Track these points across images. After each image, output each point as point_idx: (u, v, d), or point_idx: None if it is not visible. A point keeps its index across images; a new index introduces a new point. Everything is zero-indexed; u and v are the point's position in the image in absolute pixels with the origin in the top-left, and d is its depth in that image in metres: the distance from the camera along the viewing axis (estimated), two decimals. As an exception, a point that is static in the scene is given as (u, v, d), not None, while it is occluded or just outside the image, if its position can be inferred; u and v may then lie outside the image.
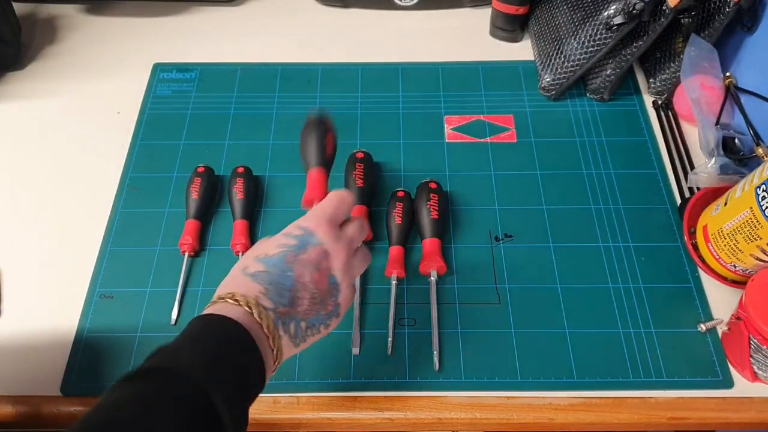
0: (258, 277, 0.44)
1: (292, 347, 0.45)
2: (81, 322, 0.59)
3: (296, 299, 0.44)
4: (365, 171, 0.65)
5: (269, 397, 0.55)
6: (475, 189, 0.68)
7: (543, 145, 0.71)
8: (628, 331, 0.58)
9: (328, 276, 0.46)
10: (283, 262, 0.45)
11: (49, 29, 0.85)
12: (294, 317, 0.44)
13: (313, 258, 0.45)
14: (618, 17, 0.66)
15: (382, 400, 0.55)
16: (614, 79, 0.72)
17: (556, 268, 0.62)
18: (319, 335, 0.47)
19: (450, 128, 0.73)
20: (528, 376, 0.55)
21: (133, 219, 0.66)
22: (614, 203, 0.66)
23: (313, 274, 0.45)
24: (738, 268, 0.57)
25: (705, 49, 0.69)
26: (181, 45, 0.83)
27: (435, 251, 0.60)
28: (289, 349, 0.44)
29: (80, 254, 0.63)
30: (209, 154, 0.71)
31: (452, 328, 0.58)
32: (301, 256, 0.45)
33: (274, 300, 0.43)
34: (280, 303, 0.43)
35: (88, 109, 0.76)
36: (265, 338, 0.42)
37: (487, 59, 0.80)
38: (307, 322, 0.45)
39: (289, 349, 0.44)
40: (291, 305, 0.44)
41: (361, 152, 0.67)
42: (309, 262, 0.45)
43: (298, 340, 0.45)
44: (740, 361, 0.55)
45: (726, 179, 0.63)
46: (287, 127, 0.73)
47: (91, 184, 0.69)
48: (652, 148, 0.71)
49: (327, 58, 0.81)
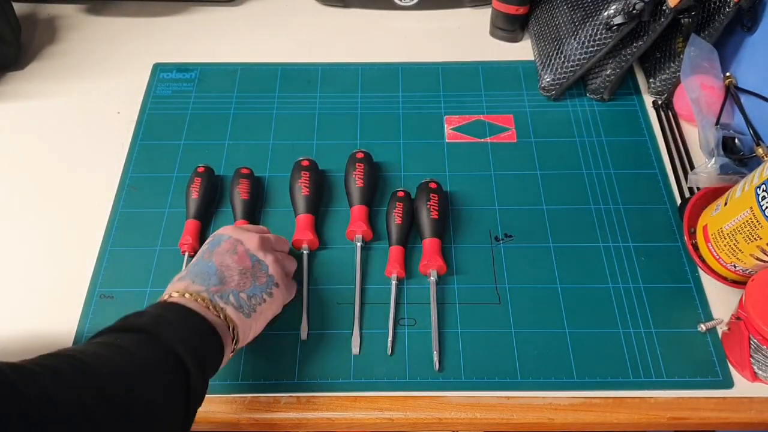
0: (183, 278, 0.51)
1: (243, 318, 0.50)
2: (81, 322, 0.59)
3: (224, 278, 0.50)
4: (365, 171, 0.65)
5: (269, 397, 0.55)
6: (475, 189, 0.68)
7: (543, 145, 0.71)
8: (628, 331, 0.58)
9: (248, 255, 0.53)
10: (201, 259, 0.52)
11: (49, 29, 0.85)
12: (230, 291, 0.50)
13: (227, 247, 0.53)
14: (618, 17, 0.66)
15: (382, 400, 0.55)
16: (614, 79, 0.72)
17: (556, 268, 0.62)
18: (266, 304, 0.52)
19: (450, 128, 0.73)
20: (528, 376, 0.56)
21: (133, 219, 0.66)
22: (614, 203, 0.66)
23: (233, 257, 0.52)
24: (738, 268, 0.57)
25: (705, 49, 0.69)
26: (181, 45, 0.83)
27: (435, 251, 0.60)
28: (241, 320, 0.49)
29: (80, 254, 0.63)
30: (209, 154, 0.71)
31: (452, 328, 0.58)
32: (216, 250, 0.53)
33: (203, 284, 0.50)
34: (209, 284, 0.50)
35: (88, 109, 0.76)
36: (205, 309, 0.48)
37: (487, 59, 0.80)
38: (247, 293, 0.51)
39: (241, 320, 0.49)
40: (221, 283, 0.50)
41: (361, 152, 0.67)
42: (224, 251, 0.53)
43: (247, 309, 0.50)
44: (740, 361, 0.55)
45: (726, 179, 0.63)
46: (287, 127, 0.73)
47: (91, 184, 0.69)
48: (652, 148, 0.71)
49: (327, 58, 0.81)
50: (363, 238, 0.63)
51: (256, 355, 0.57)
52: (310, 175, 0.65)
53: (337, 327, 0.58)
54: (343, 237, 0.64)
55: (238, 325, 0.49)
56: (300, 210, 0.63)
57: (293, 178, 0.65)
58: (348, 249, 0.63)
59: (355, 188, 0.64)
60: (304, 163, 0.66)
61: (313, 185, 0.64)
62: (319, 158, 0.68)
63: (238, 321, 0.49)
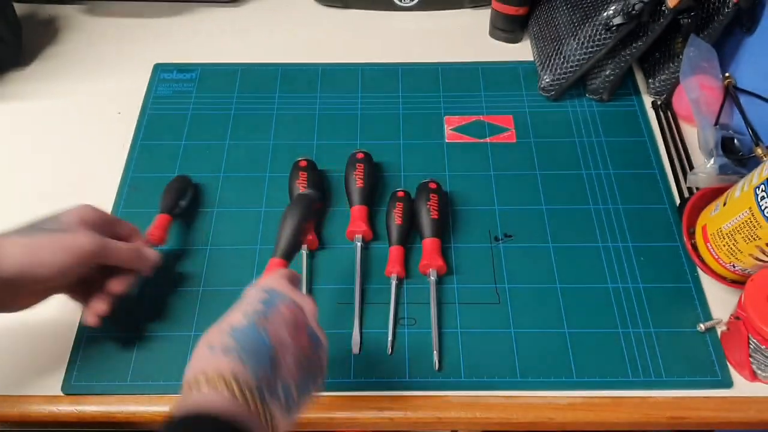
0: (230, 351, 0.39)
1: (285, 416, 0.40)
2: (82, 322, 0.59)
3: (278, 363, 0.40)
4: (365, 171, 0.65)
5: (269, 397, 0.55)
6: (474, 189, 0.68)
7: (542, 145, 0.71)
8: (627, 331, 0.58)
9: (306, 330, 0.43)
10: (254, 327, 0.41)
11: (49, 30, 0.85)
12: (281, 383, 0.40)
13: (286, 315, 0.43)
14: (617, 18, 0.66)
15: (382, 399, 0.55)
16: (614, 79, 0.72)
17: (556, 268, 0.62)
18: (310, 398, 0.43)
19: (450, 128, 0.73)
20: (528, 376, 0.56)
21: (134, 219, 0.65)
22: (613, 203, 0.66)
23: (290, 330, 0.42)
24: (737, 268, 0.57)
25: (704, 50, 0.69)
26: (182, 45, 0.83)
27: (435, 251, 0.60)
28: (284, 420, 0.40)
29: (81, 254, 0.63)
30: (210, 155, 0.71)
31: (452, 328, 0.58)
32: (273, 317, 0.42)
33: (254, 370, 0.38)
34: (261, 371, 0.39)
35: (89, 109, 0.76)
36: (254, 414, 0.37)
37: (486, 60, 0.80)
38: (298, 386, 0.41)
39: (284, 420, 0.40)
40: (273, 369, 0.40)
41: (361, 152, 0.67)
42: (283, 320, 0.42)
43: (292, 406, 0.40)
44: (739, 360, 0.55)
45: (725, 179, 0.63)
46: (287, 127, 0.74)
47: (91, 184, 0.69)
48: (651, 149, 0.71)
49: (327, 58, 0.81)
50: (363, 238, 0.63)
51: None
52: (309, 176, 0.65)
53: (337, 327, 0.59)
54: (343, 237, 0.64)
55: (279, 428, 0.39)
56: (300, 210, 0.63)
57: (291, 179, 0.65)
58: (348, 249, 0.63)
59: (355, 188, 0.64)
60: (301, 164, 0.66)
61: (311, 185, 0.64)
62: (319, 158, 0.68)
63: (280, 422, 0.39)
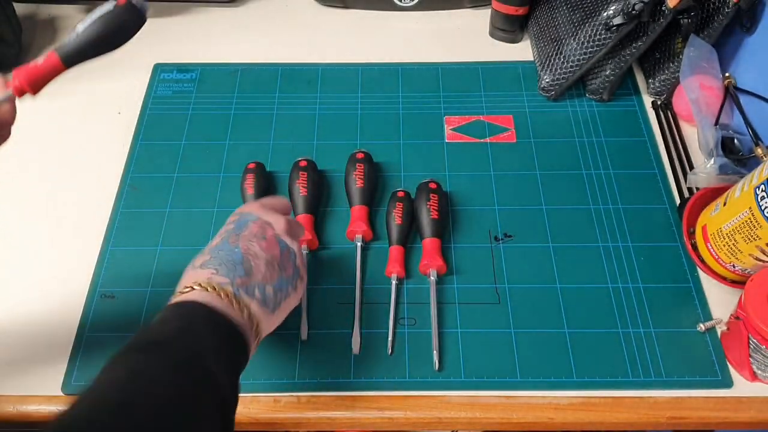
0: (207, 264, 0.46)
1: (267, 313, 0.46)
2: (82, 322, 0.59)
3: (251, 268, 0.46)
4: (365, 171, 0.65)
5: (270, 397, 0.55)
6: (474, 189, 0.68)
7: (542, 145, 0.72)
8: (627, 331, 0.58)
9: (277, 241, 0.49)
10: (227, 243, 0.47)
11: (49, 30, 0.85)
12: (256, 284, 0.46)
13: (255, 230, 0.48)
14: (617, 18, 0.66)
15: (382, 399, 0.55)
16: (613, 79, 0.73)
17: (556, 268, 0.62)
18: (290, 299, 0.49)
19: (450, 128, 0.73)
20: (528, 376, 0.56)
21: (134, 219, 0.66)
22: (613, 203, 0.66)
23: (261, 243, 0.48)
24: (737, 268, 0.57)
25: (704, 50, 0.69)
26: (182, 45, 0.83)
27: (435, 251, 0.60)
28: (265, 315, 0.46)
29: (81, 254, 0.63)
30: (210, 155, 0.71)
31: (452, 327, 0.58)
32: (244, 233, 0.48)
33: (228, 275, 0.45)
34: (235, 275, 0.45)
35: (89, 109, 0.76)
36: (230, 306, 0.43)
37: (486, 60, 0.80)
38: (273, 286, 0.47)
39: (265, 315, 0.46)
40: (247, 275, 0.46)
41: (361, 152, 0.67)
42: (253, 235, 0.48)
43: (271, 305, 0.46)
44: (739, 360, 0.55)
45: (725, 179, 0.63)
46: (287, 127, 0.74)
47: (91, 184, 0.69)
48: (651, 149, 0.71)
49: (327, 58, 0.81)
50: (363, 238, 0.63)
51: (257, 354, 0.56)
52: (308, 175, 0.65)
53: (337, 327, 0.59)
54: (344, 237, 0.64)
55: (262, 321, 0.45)
56: (299, 210, 0.63)
57: (291, 179, 0.65)
58: (348, 249, 0.63)
59: (355, 188, 0.64)
60: (301, 164, 0.66)
61: (311, 185, 0.64)
62: (319, 158, 0.69)
63: (261, 317, 0.45)
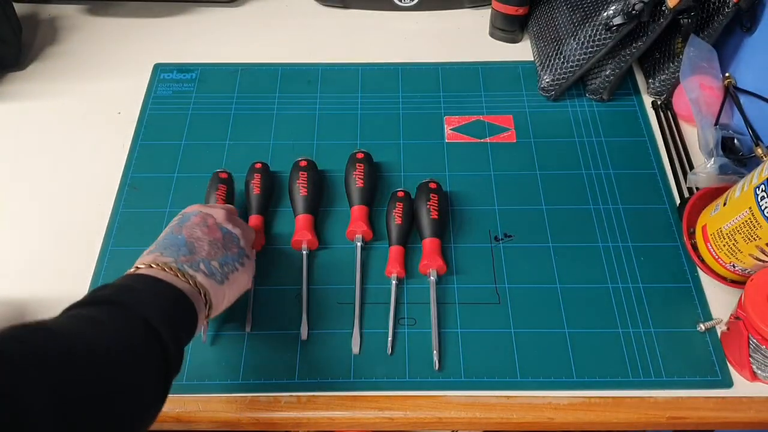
0: (152, 251, 0.50)
1: (215, 283, 0.50)
2: (82, 322, 0.59)
3: (194, 248, 0.50)
4: (365, 171, 0.65)
5: (270, 396, 0.55)
6: (474, 189, 0.68)
7: (542, 145, 0.72)
8: (627, 331, 0.58)
9: (219, 228, 0.54)
10: (170, 233, 0.52)
11: (50, 30, 0.85)
12: (200, 260, 0.50)
13: (197, 221, 0.53)
14: (617, 18, 0.66)
15: (382, 399, 0.55)
16: (613, 79, 0.73)
17: (556, 267, 0.62)
18: (239, 272, 0.52)
19: (450, 128, 0.73)
20: (528, 376, 0.56)
21: (134, 219, 0.66)
22: (613, 203, 0.66)
23: (203, 229, 0.52)
24: (737, 268, 0.57)
25: (704, 50, 0.69)
26: (182, 45, 0.83)
27: (435, 251, 0.60)
28: (213, 285, 0.49)
29: (81, 254, 0.63)
30: (210, 155, 0.71)
31: (452, 327, 0.58)
32: (186, 224, 0.53)
33: (172, 255, 0.49)
34: (178, 254, 0.49)
35: (89, 109, 0.76)
36: (174, 277, 0.47)
37: (486, 60, 0.80)
38: (218, 261, 0.51)
39: (213, 285, 0.49)
40: (191, 254, 0.50)
41: (361, 152, 0.67)
42: (194, 224, 0.53)
43: (219, 276, 0.50)
44: (739, 360, 0.55)
45: (725, 179, 0.63)
46: (288, 127, 0.74)
47: (91, 184, 0.69)
48: (651, 149, 0.71)
49: (327, 58, 0.81)
50: (363, 238, 0.63)
51: (257, 354, 0.57)
52: (308, 175, 0.65)
53: (337, 327, 0.59)
54: (344, 237, 0.64)
55: (209, 290, 0.49)
56: (299, 210, 0.63)
57: (292, 179, 0.65)
58: (348, 249, 0.63)
59: (355, 188, 0.64)
60: (302, 164, 0.66)
61: (311, 185, 0.64)
62: (319, 158, 0.69)
63: (209, 287, 0.49)
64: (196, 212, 0.54)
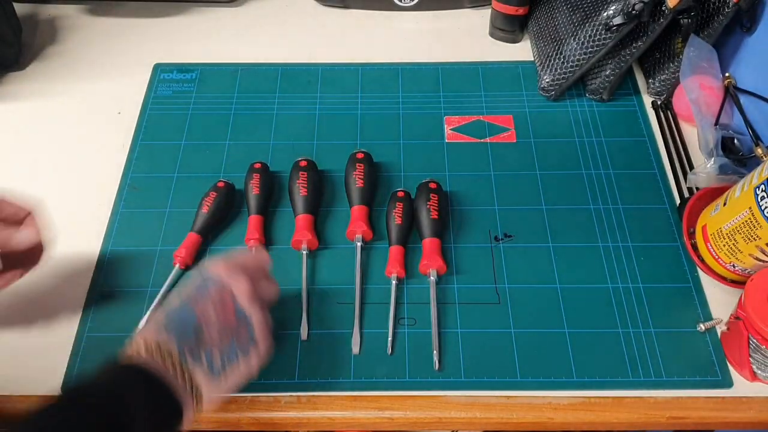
0: (160, 324, 0.47)
1: (212, 380, 0.46)
2: (82, 322, 0.59)
3: (201, 333, 0.47)
4: (365, 171, 0.65)
5: (270, 396, 0.55)
6: (474, 189, 0.68)
7: (542, 145, 0.72)
8: (627, 331, 0.58)
9: (234, 308, 0.49)
10: (185, 304, 0.48)
11: (50, 30, 0.85)
12: (203, 348, 0.46)
13: (214, 296, 0.49)
14: (617, 18, 0.66)
15: (382, 399, 0.55)
16: (613, 79, 0.73)
17: (556, 268, 0.62)
18: (239, 369, 0.48)
19: (450, 128, 0.73)
20: (528, 376, 0.56)
21: (134, 219, 0.66)
22: (613, 203, 0.66)
23: (217, 309, 0.48)
24: (737, 268, 0.57)
25: (704, 50, 0.69)
26: (182, 45, 0.83)
27: (435, 251, 0.60)
28: (208, 382, 0.46)
29: (81, 254, 0.63)
30: (210, 155, 0.71)
31: (452, 327, 0.58)
32: (202, 298, 0.48)
33: (177, 337, 0.46)
34: (183, 339, 0.46)
35: (89, 109, 0.76)
36: (173, 374, 0.44)
37: (486, 60, 0.80)
38: (221, 352, 0.47)
39: (208, 382, 0.46)
40: (196, 340, 0.46)
41: (361, 152, 0.67)
42: (210, 301, 0.48)
43: (216, 371, 0.47)
44: (739, 360, 0.55)
45: (725, 179, 0.63)
46: (288, 127, 0.74)
47: (91, 184, 0.69)
48: (651, 149, 0.71)
49: (327, 58, 0.81)
50: (363, 238, 0.63)
51: (257, 354, 0.57)
52: (308, 176, 0.65)
53: (337, 327, 0.59)
54: (344, 237, 0.64)
55: (202, 386, 0.46)
56: (299, 210, 0.63)
57: (292, 179, 0.65)
58: (348, 249, 0.63)
59: (355, 188, 0.64)
60: (302, 164, 0.66)
61: (311, 185, 0.64)
62: (319, 158, 0.69)
63: (203, 382, 0.46)
64: (218, 282, 0.49)
